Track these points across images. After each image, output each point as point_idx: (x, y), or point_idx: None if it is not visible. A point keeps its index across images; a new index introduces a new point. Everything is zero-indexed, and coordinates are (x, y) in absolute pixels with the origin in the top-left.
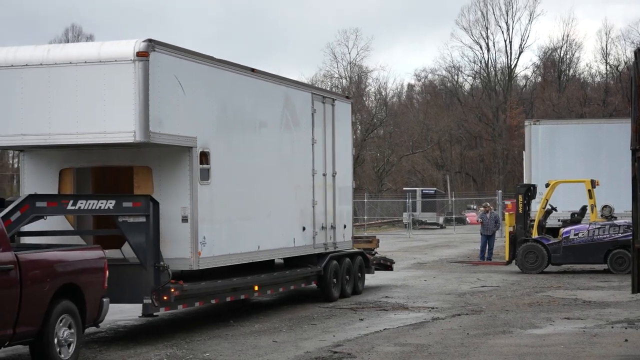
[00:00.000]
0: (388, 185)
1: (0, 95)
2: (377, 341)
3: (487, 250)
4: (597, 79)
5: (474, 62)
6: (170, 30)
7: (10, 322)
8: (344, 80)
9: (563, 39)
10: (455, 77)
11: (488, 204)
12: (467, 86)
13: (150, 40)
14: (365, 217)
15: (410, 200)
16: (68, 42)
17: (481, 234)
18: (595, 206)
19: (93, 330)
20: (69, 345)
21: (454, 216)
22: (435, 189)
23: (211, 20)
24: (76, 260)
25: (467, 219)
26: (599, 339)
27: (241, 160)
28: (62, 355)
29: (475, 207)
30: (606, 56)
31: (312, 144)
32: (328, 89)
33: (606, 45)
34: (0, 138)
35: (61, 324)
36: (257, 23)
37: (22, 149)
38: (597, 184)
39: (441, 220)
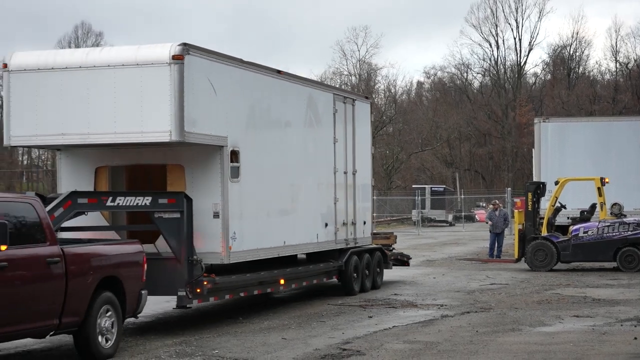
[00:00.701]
0: (397, 182)
1: (40, 96)
2: (386, 338)
3: (496, 248)
4: (607, 76)
5: (484, 60)
6: (180, 28)
7: (57, 312)
8: (353, 78)
9: (573, 37)
10: (465, 74)
11: (497, 201)
12: (476, 84)
13: (185, 44)
14: (375, 215)
15: (419, 197)
16: (77, 39)
17: (490, 231)
18: (604, 204)
19: None
20: (109, 335)
21: (463, 214)
22: (444, 186)
23: (220, 18)
24: (117, 254)
25: (476, 216)
26: (609, 337)
27: (268, 159)
28: (104, 345)
29: (484, 204)
30: (616, 54)
31: (334, 143)
32: (337, 86)
33: (616, 42)
34: (40, 137)
35: (103, 315)
36: (267, 20)
37: (59, 148)
38: (607, 182)
39: (450, 217)
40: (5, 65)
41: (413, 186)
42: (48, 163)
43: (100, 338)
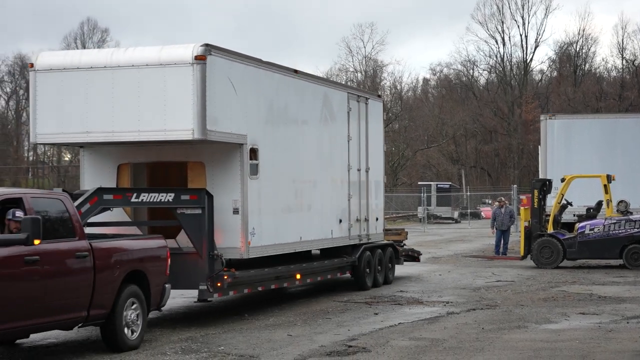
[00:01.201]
0: (403, 179)
1: (66, 95)
2: (392, 335)
3: (502, 245)
4: (613, 73)
5: (490, 57)
6: (186, 24)
7: (85, 304)
8: (359, 74)
9: (579, 34)
10: (471, 71)
11: (503, 198)
12: (482, 80)
13: (207, 45)
14: None
15: (425, 194)
16: (83, 35)
17: (496, 228)
18: (611, 201)
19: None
20: (135, 327)
21: (468, 211)
22: (450, 183)
23: (226, 14)
24: (142, 248)
25: (482, 213)
26: (615, 335)
27: (285, 156)
28: (130, 336)
29: (490, 201)
30: (622, 51)
31: (348, 141)
32: (343, 82)
33: (622, 39)
34: (66, 135)
35: (129, 307)
36: (273, 17)
37: (82, 146)
38: (613, 179)
39: (456, 214)
40: (31, 65)
41: (419, 183)
42: (53, 159)
43: (126, 330)
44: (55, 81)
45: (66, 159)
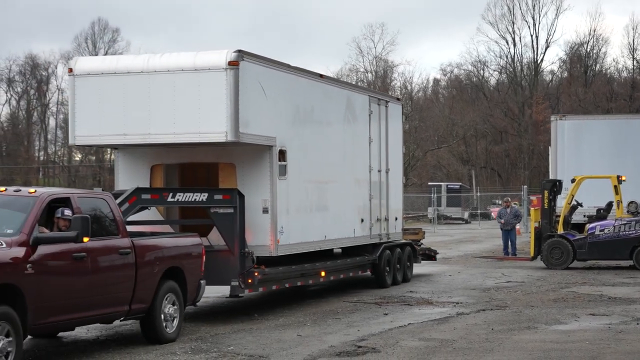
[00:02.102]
0: (413, 180)
1: (104, 99)
2: (402, 336)
3: (510, 246)
4: (624, 74)
5: (500, 57)
6: (199, 24)
7: (127, 299)
8: (369, 75)
9: (590, 34)
10: (481, 71)
11: (509, 199)
12: (492, 81)
13: (239, 51)
14: None
15: (435, 195)
16: (94, 35)
17: (501, 229)
18: (621, 202)
19: (117, 324)
20: (172, 321)
21: (479, 211)
22: (460, 184)
23: (238, 14)
24: (179, 246)
25: (492, 214)
26: (625, 336)
27: (311, 158)
28: (168, 330)
29: (500, 202)
30: (633, 51)
31: (369, 143)
32: (353, 82)
33: (633, 40)
34: (103, 137)
35: (167, 302)
36: (283, 17)
37: (117, 147)
38: (623, 180)
39: (466, 215)
40: (70, 70)
41: (429, 183)
42: (64, 159)
43: (164, 323)
44: (94, 85)
45: (77, 158)
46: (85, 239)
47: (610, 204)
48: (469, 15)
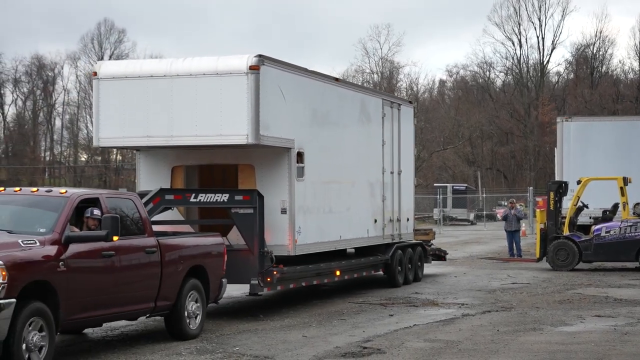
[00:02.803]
0: (419, 181)
1: (127, 102)
2: (407, 337)
3: (515, 247)
4: (630, 75)
5: (506, 58)
6: (205, 25)
7: (153, 296)
8: (375, 76)
9: (596, 36)
10: (487, 73)
11: (514, 200)
12: (498, 82)
13: (260, 56)
14: None
15: (440, 196)
16: (100, 35)
17: (505, 230)
18: (627, 204)
19: (124, 324)
20: (195, 318)
21: (484, 212)
22: (466, 185)
23: (245, 15)
24: (202, 245)
25: (497, 215)
26: (630, 337)
27: (327, 160)
28: (191, 326)
29: (506, 203)
30: (639, 53)
31: (382, 145)
32: (359, 84)
33: (639, 41)
34: (127, 139)
35: (190, 299)
36: (289, 18)
37: (138, 149)
38: (630, 182)
39: (472, 216)
40: (95, 74)
41: (435, 185)
42: (70, 160)
43: (188, 320)
44: (117, 89)
45: (82, 159)
46: (115, 238)
47: (616, 206)
48: (475, 17)
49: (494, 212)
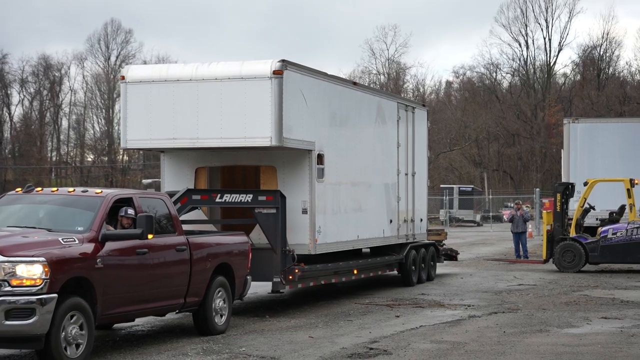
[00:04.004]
0: None
1: (154, 105)
2: (413, 338)
3: (521, 248)
4: (637, 77)
5: (513, 60)
6: (212, 25)
7: (183, 292)
8: (382, 77)
9: (603, 37)
10: (494, 74)
11: (520, 201)
12: (505, 84)
13: (283, 61)
14: None
15: (447, 197)
16: (107, 36)
17: (512, 232)
18: (634, 205)
19: (129, 325)
20: (222, 314)
21: (491, 214)
22: (472, 186)
23: (252, 15)
24: (229, 243)
25: (504, 216)
26: (637, 339)
27: (346, 161)
28: (218, 322)
29: (512, 205)
30: None
31: (397, 147)
32: (366, 84)
33: None
34: (154, 141)
35: (217, 296)
36: (296, 19)
37: (163, 150)
38: (636, 183)
39: (478, 217)
40: (122, 78)
41: (441, 186)
42: (76, 160)
43: (215, 316)
44: (145, 92)
45: (89, 159)
46: (150, 236)
47: (622, 207)
48: (481, 18)
49: (501, 213)
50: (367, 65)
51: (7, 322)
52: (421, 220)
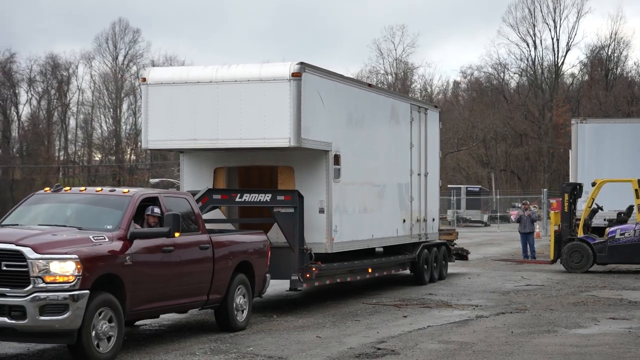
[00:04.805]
0: None
1: (175, 106)
2: (421, 338)
3: (528, 249)
4: None
5: (521, 60)
6: (220, 25)
7: (206, 290)
8: (389, 77)
9: (611, 37)
10: (502, 74)
11: (528, 202)
12: (513, 84)
13: (302, 63)
14: None
15: (454, 197)
16: (115, 35)
17: (519, 232)
18: None
19: (137, 324)
20: (243, 311)
21: (498, 214)
22: (480, 186)
23: (260, 15)
24: (249, 242)
25: (511, 217)
26: None
27: (361, 162)
28: (239, 319)
29: (519, 205)
30: None
31: (410, 148)
32: (373, 84)
33: None
34: (175, 142)
35: (238, 293)
36: (304, 18)
37: (182, 151)
38: None
39: (485, 218)
40: (144, 80)
41: (448, 186)
42: (84, 159)
43: (236, 313)
44: (166, 94)
45: (96, 159)
46: (177, 234)
47: (631, 208)
48: (489, 18)
49: (508, 213)
50: (374, 65)
51: (42, 318)
52: (433, 220)
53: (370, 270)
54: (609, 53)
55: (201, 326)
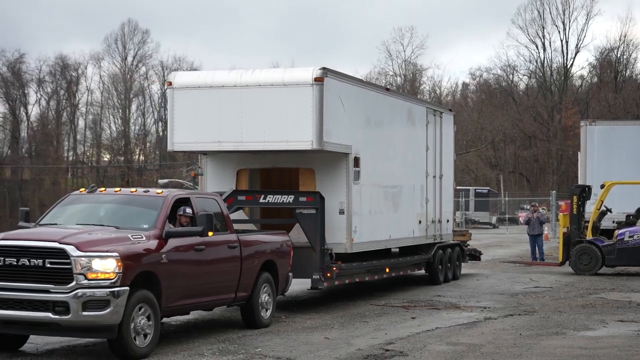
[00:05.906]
0: None
1: (200, 110)
2: (429, 340)
3: (537, 251)
4: None
5: (530, 62)
6: (229, 26)
7: (234, 287)
8: (398, 78)
9: (620, 39)
10: (511, 76)
11: (536, 204)
12: (522, 85)
13: (324, 68)
14: None
15: (463, 199)
16: (124, 36)
17: (528, 234)
18: None
19: None
20: (267, 309)
21: (507, 216)
22: (488, 188)
23: (269, 16)
24: (273, 242)
25: (520, 219)
26: None
27: (380, 164)
28: (264, 316)
29: (528, 207)
30: None
31: (426, 150)
32: (382, 85)
33: None
34: (200, 144)
35: (264, 291)
36: (313, 20)
37: (205, 153)
38: None
39: (494, 219)
40: (170, 84)
41: (457, 187)
42: (93, 160)
43: (261, 310)
44: (191, 98)
45: (105, 159)
46: (210, 234)
47: (639, 210)
48: (498, 20)
49: (517, 215)
50: (383, 66)
51: (84, 313)
52: (447, 221)
53: (387, 270)
54: (618, 55)
55: (209, 327)
